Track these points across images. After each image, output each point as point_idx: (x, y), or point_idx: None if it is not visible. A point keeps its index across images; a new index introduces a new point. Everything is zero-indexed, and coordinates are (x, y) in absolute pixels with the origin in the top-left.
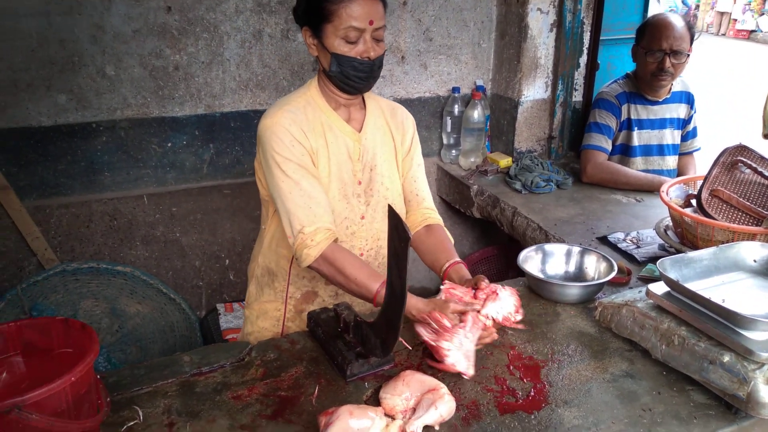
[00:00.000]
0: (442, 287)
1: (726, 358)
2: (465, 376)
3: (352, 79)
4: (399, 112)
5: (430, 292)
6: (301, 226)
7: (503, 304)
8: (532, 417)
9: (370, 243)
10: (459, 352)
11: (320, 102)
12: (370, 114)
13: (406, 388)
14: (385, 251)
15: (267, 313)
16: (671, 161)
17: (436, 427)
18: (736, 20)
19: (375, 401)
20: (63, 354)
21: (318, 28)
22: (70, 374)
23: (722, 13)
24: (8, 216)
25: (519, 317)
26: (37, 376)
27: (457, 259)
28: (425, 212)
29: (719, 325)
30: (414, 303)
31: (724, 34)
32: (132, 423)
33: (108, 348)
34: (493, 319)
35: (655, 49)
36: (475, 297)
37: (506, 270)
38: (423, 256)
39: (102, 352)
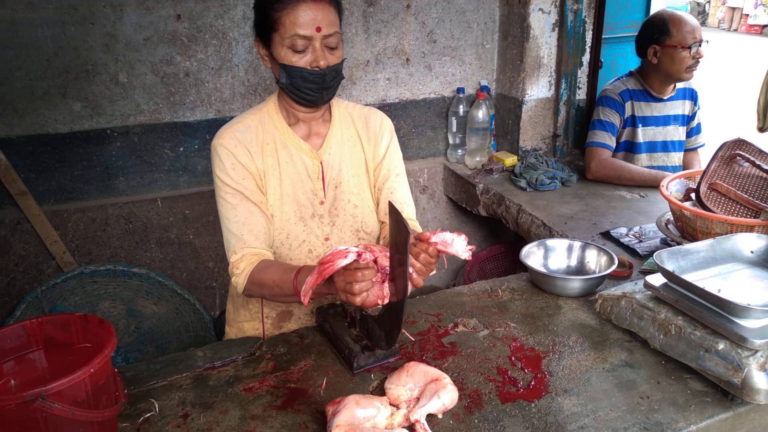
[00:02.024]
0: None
1: (721, 346)
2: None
3: (303, 91)
4: (373, 119)
5: (438, 290)
6: (231, 254)
7: (449, 236)
8: (533, 405)
9: None
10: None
11: (276, 118)
12: (335, 126)
13: (410, 379)
14: None
15: (245, 332)
16: (676, 158)
17: (439, 416)
18: (747, 15)
19: (380, 392)
20: (82, 348)
21: (267, 39)
22: (90, 365)
23: (734, 9)
24: (28, 221)
25: (466, 255)
26: (57, 369)
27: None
28: None
29: (714, 314)
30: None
31: (735, 30)
32: (148, 414)
33: (125, 348)
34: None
35: (690, 43)
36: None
37: (513, 267)
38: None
39: (120, 352)
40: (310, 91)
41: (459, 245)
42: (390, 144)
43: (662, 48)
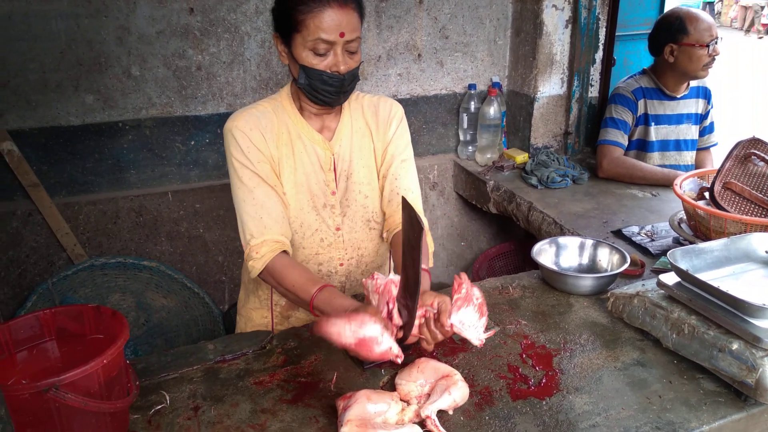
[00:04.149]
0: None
1: (735, 346)
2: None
3: (320, 93)
4: (383, 108)
5: (446, 287)
6: (249, 237)
7: (469, 318)
8: (544, 403)
9: (350, 253)
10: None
11: (289, 109)
12: (345, 118)
13: (420, 375)
14: (367, 260)
15: (253, 320)
16: (689, 156)
17: (450, 412)
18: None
19: (391, 387)
20: (95, 340)
21: (288, 37)
22: (103, 357)
23: (746, 8)
24: (39, 212)
25: (477, 343)
26: (70, 360)
27: (424, 267)
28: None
29: (728, 313)
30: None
31: (749, 29)
32: (159, 406)
33: (135, 341)
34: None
35: (708, 41)
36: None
37: (523, 265)
38: (395, 259)
39: (129, 345)
40: (327, 94)
41: (474, 333)
42: (397, 130)
43: (679, 46)
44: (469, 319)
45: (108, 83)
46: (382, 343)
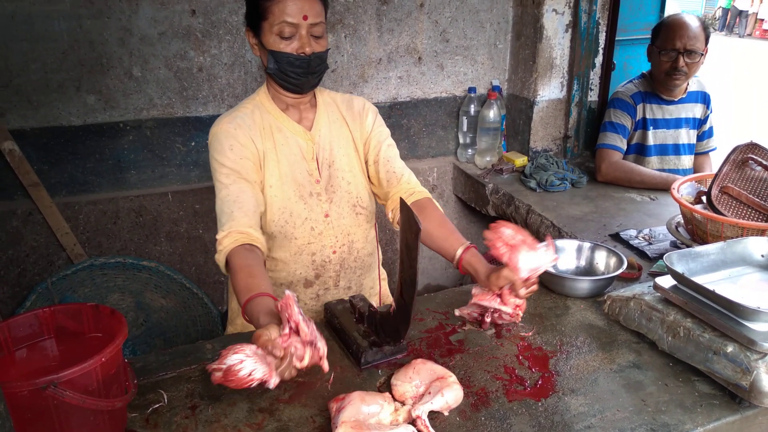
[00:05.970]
0: (474, 292)
1: (729, 349)
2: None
3: (290, 75)
4: (356, 102)
5: (444, 288)
6: (219, 232)
7: (531, 258)
8: (539, 404)
9: (341, 239)
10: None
11: (268, 105)
12: (321, 110)
13: (416, 376)
14: (358, 246)
15: (248, 329)
16: (687, 161)
17: (446, 413)
18: (762, 20)
19: (388, 387)
20: (93, 338)
21: (257, 27)
22: (101, 354)
23: (748, 14)
24: (39, 212)
25: (552, 264)
26: (68, 358)
27: (468, 242)
28: (408, 187)
29: (723, 316)
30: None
31: (750, 35)
32: (157, 405)
33: (133, 341)
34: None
35: (669, 48)
36: (501, 300)
37: None
38: (426, 243)
39: (128, 345)
40: (296, 76)
41: (545, 260)
42: (375, 120)
43: (652, 48)
44: (532, 259)
45: (109, 84)
46: (242, 368)
